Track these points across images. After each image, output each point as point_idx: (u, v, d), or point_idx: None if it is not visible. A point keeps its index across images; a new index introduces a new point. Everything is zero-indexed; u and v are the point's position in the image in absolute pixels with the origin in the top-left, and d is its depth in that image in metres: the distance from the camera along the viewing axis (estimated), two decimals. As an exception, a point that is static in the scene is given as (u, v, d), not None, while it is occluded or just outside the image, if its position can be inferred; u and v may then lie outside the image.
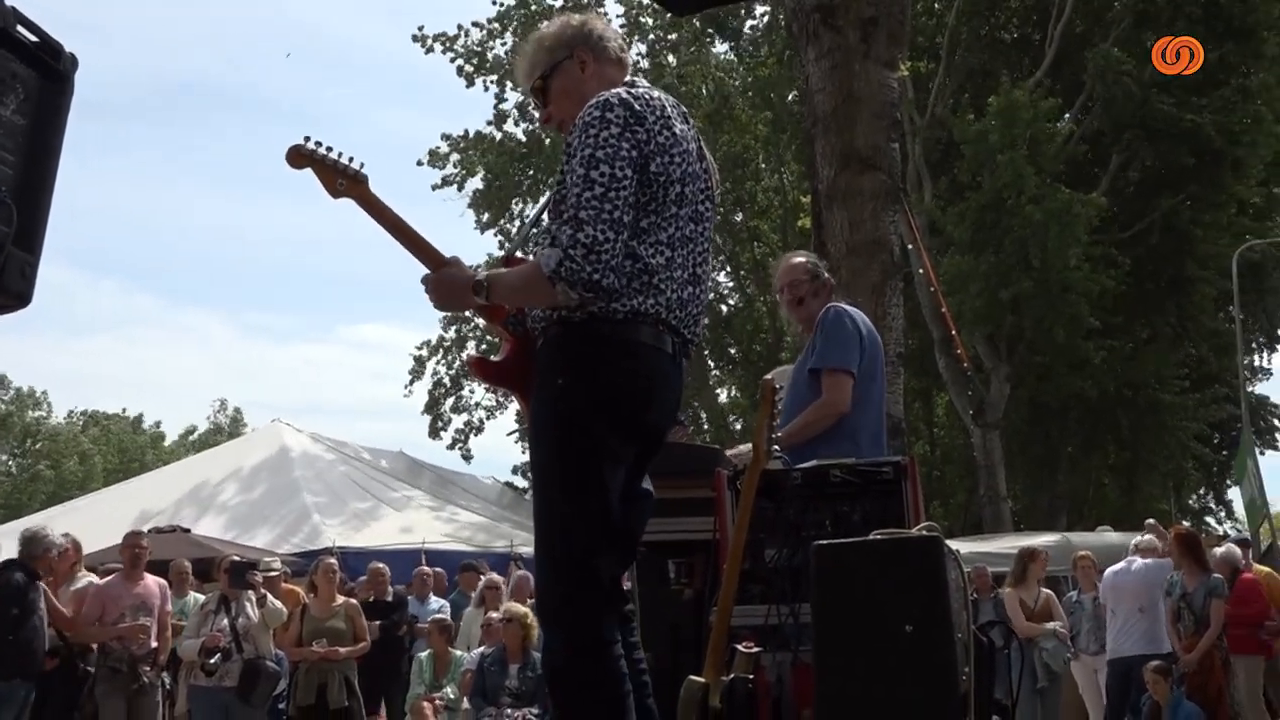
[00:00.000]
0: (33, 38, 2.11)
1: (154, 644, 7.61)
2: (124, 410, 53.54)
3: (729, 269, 28.19)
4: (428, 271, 2.95)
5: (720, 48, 27.10)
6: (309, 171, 2.90)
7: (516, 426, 29.01)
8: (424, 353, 27.87)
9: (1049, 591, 9.57)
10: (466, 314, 19.16)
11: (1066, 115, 20.41)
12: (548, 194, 3.14)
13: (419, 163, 26.22)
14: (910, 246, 15.44)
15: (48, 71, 2.16)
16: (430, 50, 24.81)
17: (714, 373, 28.47)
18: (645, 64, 26.98)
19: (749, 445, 4.51)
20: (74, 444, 47.11)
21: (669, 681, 3.24)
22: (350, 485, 18.02)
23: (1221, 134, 19.49)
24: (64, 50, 2.22)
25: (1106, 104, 19.83)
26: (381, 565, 10.79)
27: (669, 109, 2.91)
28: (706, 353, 27.80)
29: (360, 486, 18.07)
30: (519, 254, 3.34)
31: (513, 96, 25.00)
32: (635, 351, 2.80)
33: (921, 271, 16.42)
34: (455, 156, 25.90)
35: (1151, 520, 9.64)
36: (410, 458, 21.37)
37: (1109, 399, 21.98)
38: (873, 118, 6.77)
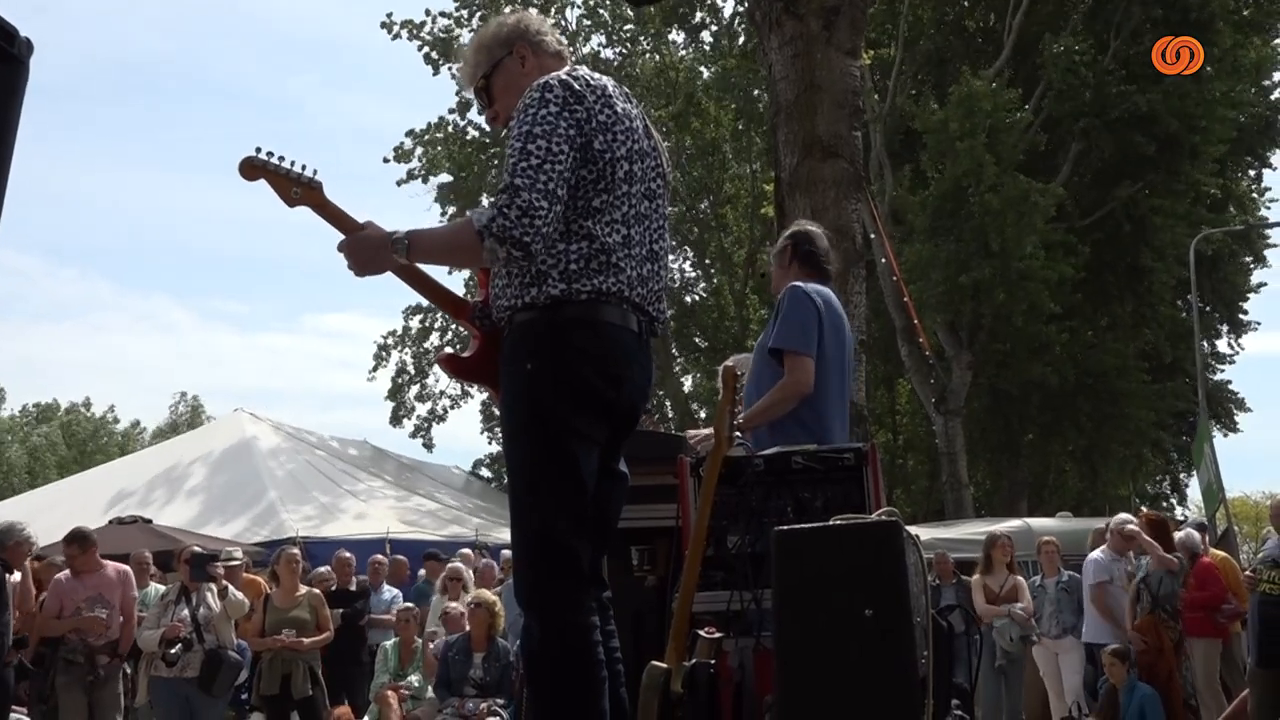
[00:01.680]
0: (-14, 23, 2.08)
1: (117, 634, 7.54)
2: (86, 400, 53.04)
3: (694, 258, 28.23)
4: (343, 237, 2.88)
5: (679, 38, 27.10)
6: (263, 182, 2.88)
7: (481, 416, 28.99)
8: (389, 340, 27.80)
9: (1017, 577, 9.65)
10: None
11: (1026, 106, 20.54)
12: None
13: (385, 160, 26.15)
14: (873, 235, 15.55)
15: (2, 55, 2.14)
16: (397, 37, 24.69)
17: (679, 360, 28.50)
18: (609, 54, 26.97)
19: (710, 430, 4.54)
20: (18, 435, 46.47)
21: (632, 669, 3.26)
22: (314, 475, 17.92)
23: (1178, 119, 19.68)
24: (19, 35, 2.18)
25: (1062, 92, 19.99)
26: (347, 554, 10.77)
27: (610, 89, 2.93)
28: (672, 341, 27.85)
29: (324, 476, 17.99)
30: None
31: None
32: (601, 331, 2.82)
33: (884, 261, 16.51)
34: (420, 150, 25.80)
35: (1125, 515, 9.73)
36: (375, 447, 21.30)
37: (1069, 386, 22.20)
38: (835, 106, 6.81)
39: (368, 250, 2.83)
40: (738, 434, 3.81)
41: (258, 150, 2.85)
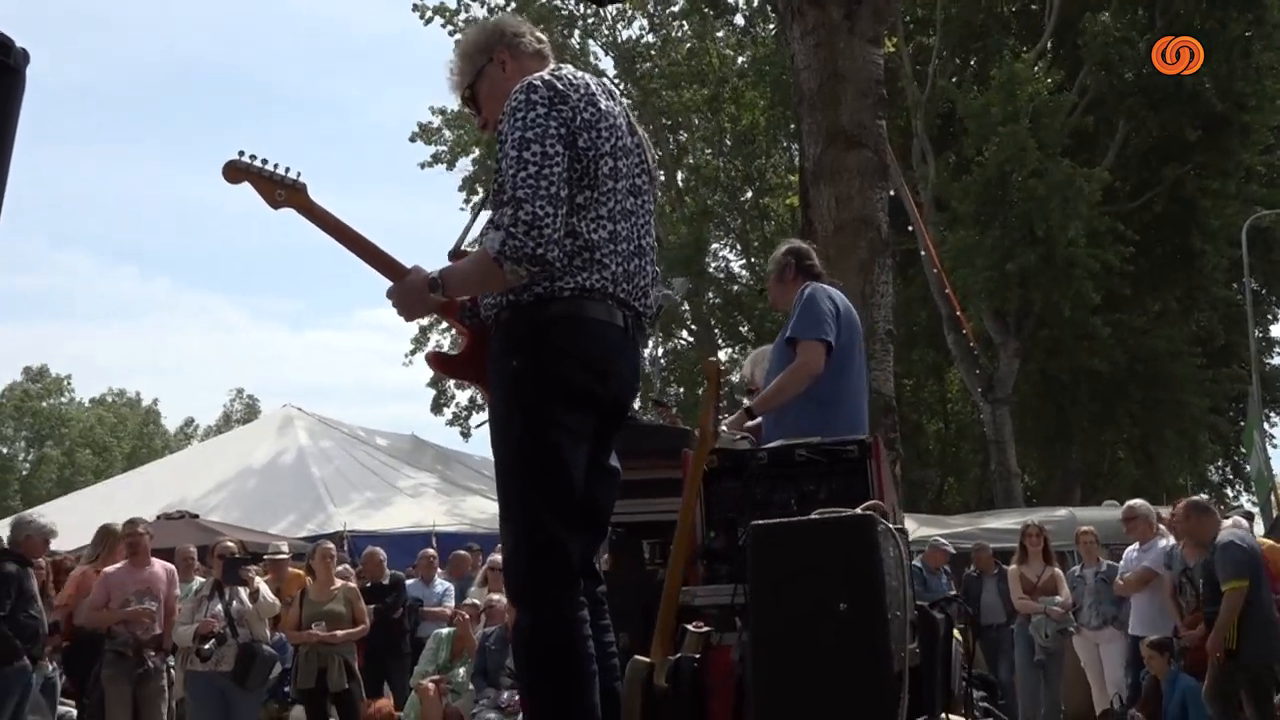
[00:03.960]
0: (-18, 34, 2.11)
1: (159, 629, 7.67)
2: (138, 393, 54.02)
3: (739, 247, 28.15)
4: (390, 284, 2.97)
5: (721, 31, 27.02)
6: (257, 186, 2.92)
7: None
8: (429, 322, 27.89)
9: (1055, 569, 9.53)
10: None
11: (1070, 89, 20.24)
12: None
13: (411, 138, 26.14)
14: (910, 228, 15.44)
15: None
16: (429, 22, 24.68)
17: (725, 351, 28.45)
18: (651, 38, 26.94)
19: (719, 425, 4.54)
20: (89, 433, 47.40)
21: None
22: (360, 470, 18.09)
23: (1226, 100, 19.31)
24: (14, 45, 2.23)
25: (1106, 73, 19.68)
26: (377, 549, 10.85)
27: (593, 86, 2.96)
28: (717, 331, 27.82)
29: (370, 471, 18.15)
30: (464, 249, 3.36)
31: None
32: (585, 328, 2.84)
33: (924, 254, 16.36)
34: (447, 134, 25.80)
35: (1137, 500, 9.56)
36: (422, 441, 21.45)
37: (1120, 372, 21.89)
38: (858, 95, 6.76)
39: (412, 295, 2.93)
40: (738, 431, 3.83)
41: (240, 153, 2.89)
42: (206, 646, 7.29)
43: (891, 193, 19.59)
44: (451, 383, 27.88)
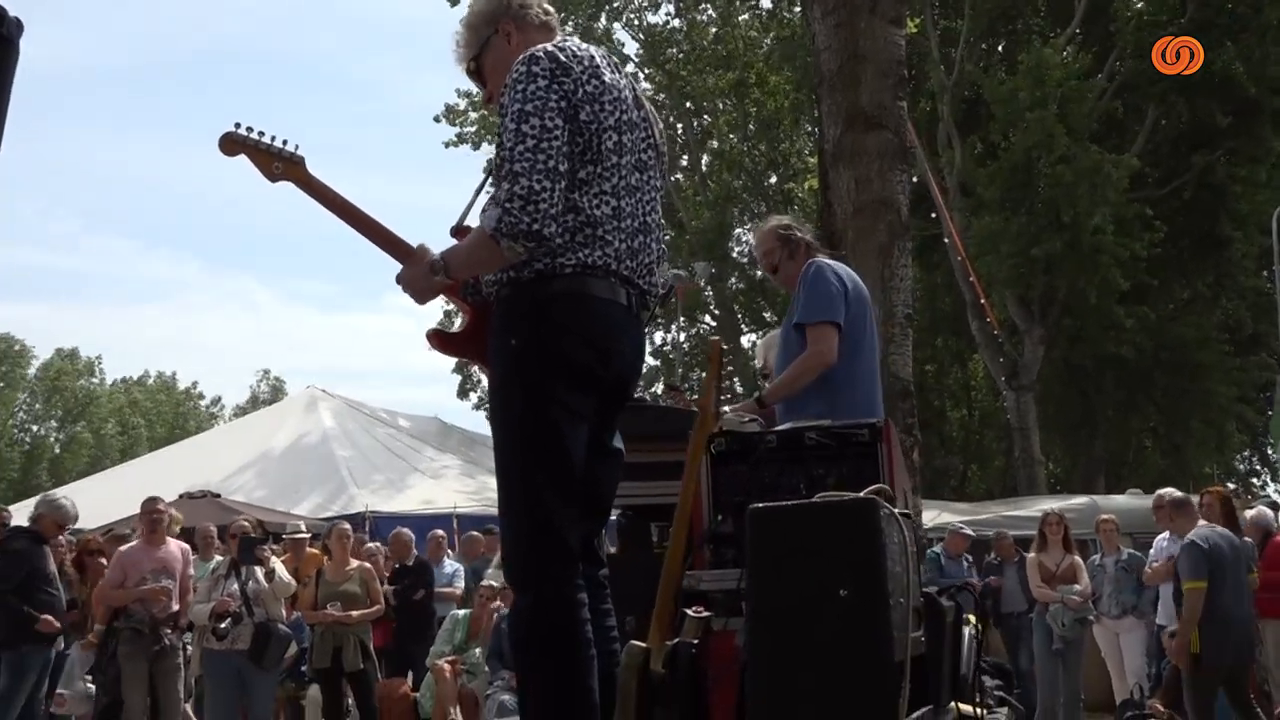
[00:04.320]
0: (-27, 2, 2.09)
1: (175, 607, 7.70)
2: (174, 374, 54.49)
3: (762, 233, 28.00)
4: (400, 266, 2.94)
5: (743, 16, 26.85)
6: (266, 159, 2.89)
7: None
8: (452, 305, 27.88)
9: (1075, 557, 9.44)
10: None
11: (1099, 75, 19.99)
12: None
13: (435, 119, 26.11)
14: (934, 214, 15.32)
15: None
16: (456, 3, 24.59)
17: (748, 336, 28.39)
18: (678, 23, 26.81)
19: (730, 407, 4.49)
20: (116, 412, 47.82)
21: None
22: (383, 451, 18.15)
23: (1258, 86, 19.03)
24: (7, 14, 2.20)
25: (1136, 58, 19.42)
26: (405, 530, 10.88)
27: (597, 59, 2.90)
28: (740, 316, 27.74)
29: (393, 453, 18.20)
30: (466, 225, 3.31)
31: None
32: (587, 305, 2.80)
33: (948, 240, 16.23)
34: (473, 115, 25.77)
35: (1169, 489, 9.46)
36: (445, 423, 21.50)
37: (1146, 360, 21.68)
38: (879, 75, 6.67)
39: (419, 281, 2.89)
40: (746, 414, 3.77)
41: (237, 126, 2.86)
42: (223, 625, 7.31)
43: (915, 179, 19.48)
44: (476, 367, 27.87)
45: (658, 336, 27.09)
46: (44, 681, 7.54)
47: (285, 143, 2.87)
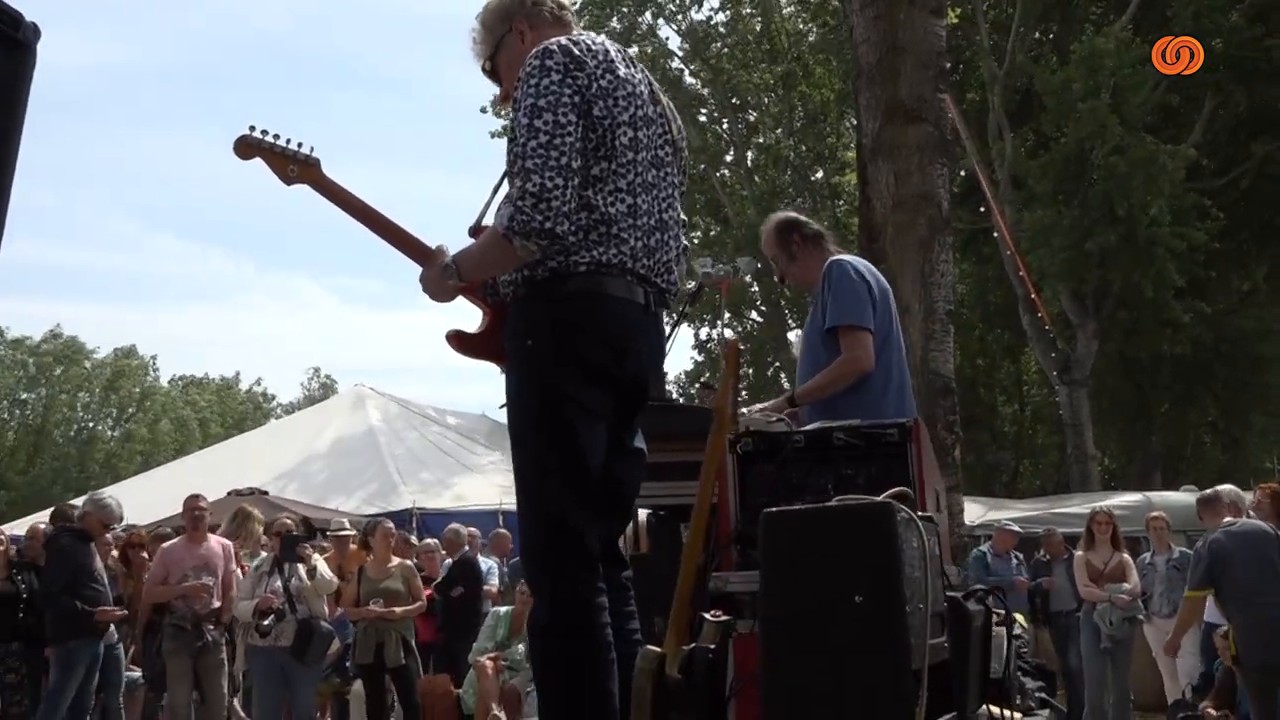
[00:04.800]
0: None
1: (217, 603, 7.77)
2: (237, 373, 55.29)
3: (810, 227, 27.84)
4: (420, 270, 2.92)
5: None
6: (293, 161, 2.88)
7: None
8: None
9: (1124, 555, 9.28)
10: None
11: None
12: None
13: (482, 109, 26.18)
14: (982, 208, 15.10)
15: (7, 41, 2.15)
16: None
17: (795, 332, 28.22)
18: (722, 17, 26.70)
19: (760, 405, 4.44)
20: (171, 408, 48.51)
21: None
22: (430, 449, 18.24)
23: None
24: (24, 19, 2.20)
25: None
26: (458, 527, 10.93)
27: (612, 53, 2.85)
28: (787, 311, 27.58)
29: (441, 450, 18.28)
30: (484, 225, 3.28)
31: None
32: (601, 304, 2.76)
33: (997, 235, 16.00)
34: None
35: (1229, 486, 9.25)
36: (493, 420, 21.55)
37: (1205, 353, 21.29)
38: (918, 67, 6.59)
39: (435, 283, 2.89)
40: (774, 414, 3.72)
41: (252, 128, 2.85)
42: (266, 622, 7.37)
43: (963, 172, 19.16)
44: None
45: (703, 333, 27.05)
46: (93, 676, 7.63)
47: (300, 145, 2.86)
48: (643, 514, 4.58)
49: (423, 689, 8.65)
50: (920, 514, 2.49)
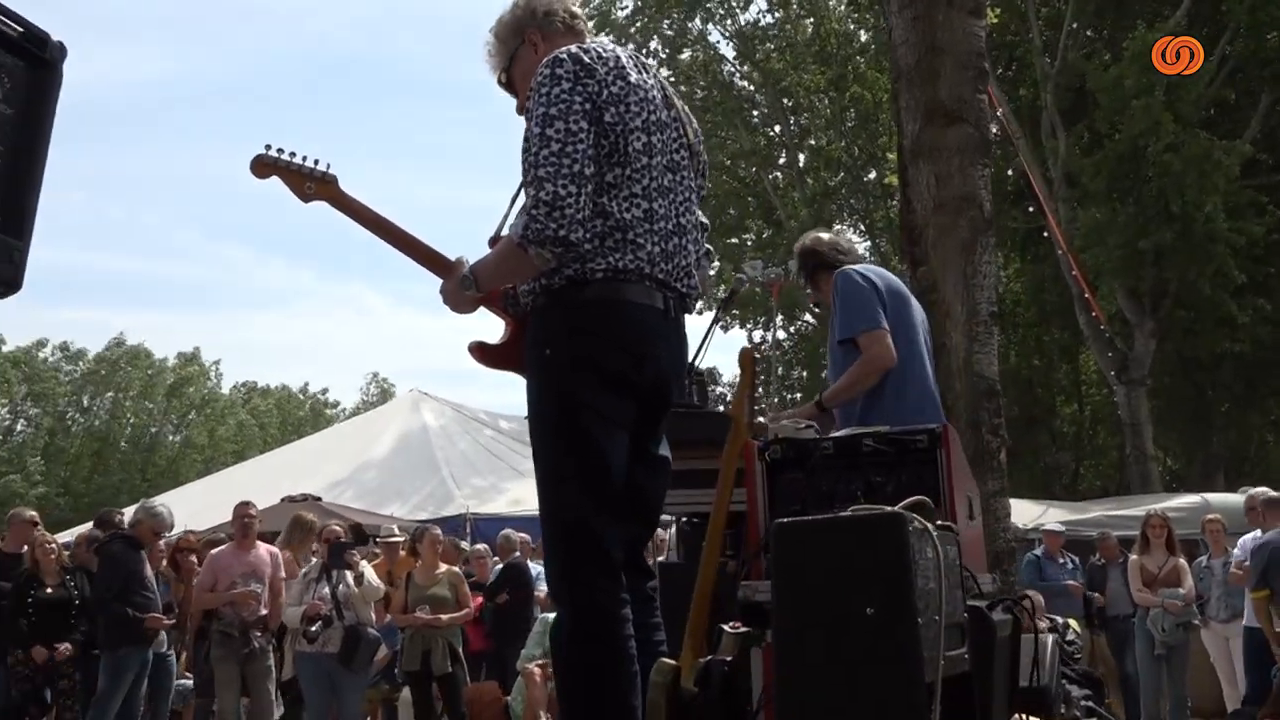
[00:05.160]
0: (17, 28, 2.12)
1: (264, 610, 7.86)
2: (306, 383, 56.14)
3: (862, 228, 27.69)
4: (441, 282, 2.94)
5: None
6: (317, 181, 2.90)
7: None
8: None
9: (1179, 559, 9.12)
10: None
11: (1210, 58, 19.27)
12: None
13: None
14: (1030, 208, 14.89)
15: (34, 60, 2.19)
16: None
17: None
18: (769, 19, 26.61)
19: (790, 412, 4.41)
20: (232, 412, 49.16)
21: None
22: (483, 454, 18.31)
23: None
24: (50, 39, 2.23)
25: (1250, 40, 18.66)
26: (512, 533, 10.95)
27: (623, 60, 2.85)
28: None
29: (494, 455, 18.35)
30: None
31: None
32: (619, 311, 2.76)
33: (1047, 234, 15.77)
34: None
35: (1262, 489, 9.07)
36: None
37: (1266, 351, 20.85)
38: (958, 68, 6.50)
39: (454, 295, 2.91)
40: (802, 420, 3.69)
41: (268, 147, 2.88)
42: (313, 628, 7.44)
43: (1009, 172, 18.88)
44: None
45: (755, 335, 26.95)
46: (142, 682, 7.74)
47: (317, 162, 2.89)
48: (675, 522, 4.57)
49: (469, 696, 8.67)
50: (938, 524, 2.46)
